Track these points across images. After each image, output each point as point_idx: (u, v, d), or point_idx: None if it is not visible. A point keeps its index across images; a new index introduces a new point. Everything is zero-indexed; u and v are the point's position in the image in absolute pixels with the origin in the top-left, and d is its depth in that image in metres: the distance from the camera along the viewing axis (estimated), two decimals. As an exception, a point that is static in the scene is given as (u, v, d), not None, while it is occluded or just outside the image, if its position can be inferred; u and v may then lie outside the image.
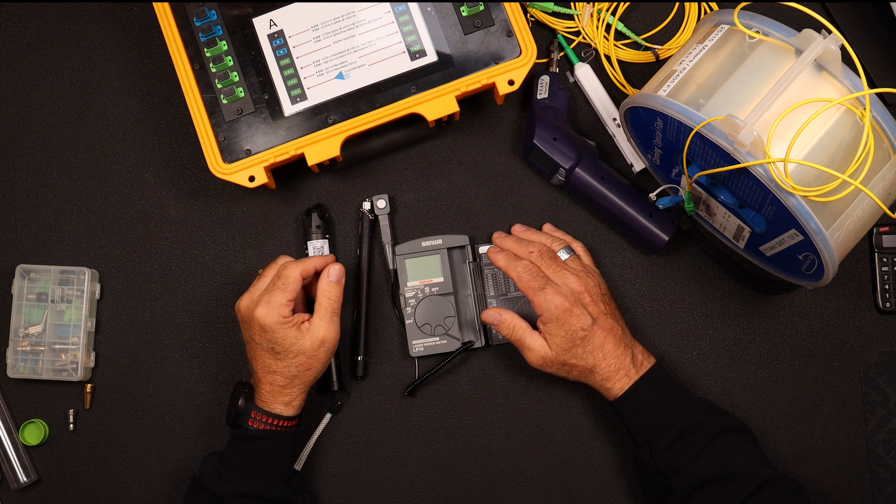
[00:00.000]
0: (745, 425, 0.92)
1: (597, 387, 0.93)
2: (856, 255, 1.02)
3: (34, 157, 1.04)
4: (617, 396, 0.91)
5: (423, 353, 0.99)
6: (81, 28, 1.05)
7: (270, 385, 0.90)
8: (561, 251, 0.96)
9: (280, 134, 0.94)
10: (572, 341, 0.90)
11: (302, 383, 0.91)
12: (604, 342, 0.91)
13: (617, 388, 0.91)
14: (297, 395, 0.91)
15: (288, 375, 0.90)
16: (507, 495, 1.00)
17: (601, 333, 0.91)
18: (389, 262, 1.01)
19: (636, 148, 0.99)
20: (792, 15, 0.93)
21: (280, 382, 0.90)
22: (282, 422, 0.91)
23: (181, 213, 1.03)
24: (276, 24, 0.96)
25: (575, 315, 0.90)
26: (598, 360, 0.91)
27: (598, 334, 0.91)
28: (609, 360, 0.91)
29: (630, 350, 0.92)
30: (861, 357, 1.01)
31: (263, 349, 0.90)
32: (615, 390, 0.91)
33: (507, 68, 0.94)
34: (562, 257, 0.95)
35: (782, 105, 0.78)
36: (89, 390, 1.00)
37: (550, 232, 1.01)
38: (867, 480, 1.00)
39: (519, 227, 1.01)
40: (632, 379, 0.91)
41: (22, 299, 1.00)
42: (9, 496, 1.00)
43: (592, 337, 0.90)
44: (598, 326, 0.91)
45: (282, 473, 0.92)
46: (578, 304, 0.91)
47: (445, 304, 1.00)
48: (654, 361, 0.93)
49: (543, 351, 0.91)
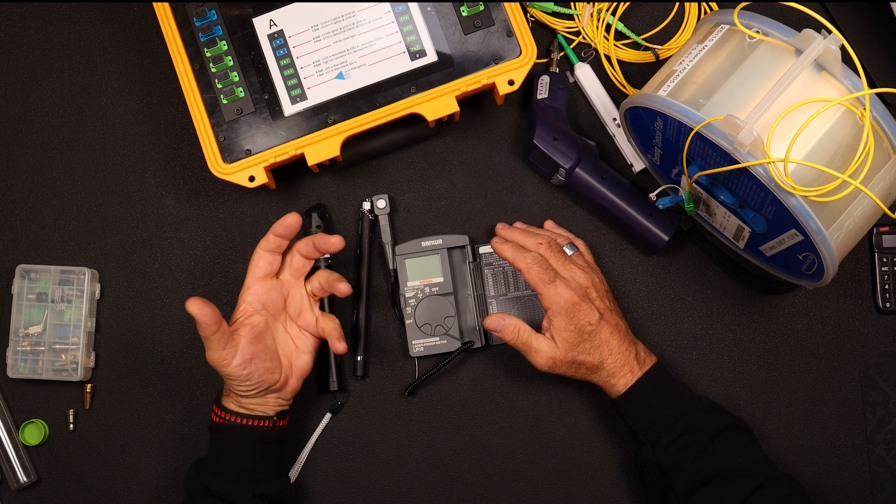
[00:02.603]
0: (745, 424, 0.92)
1: (601, 384, 0.92)
2: (856, 255, 1.02)
3: (34, 157, 1.04)
4: (620, 393, 0.91)
5: (422, 354, 0.99)
6: (81, 28, 1.05)
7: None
8: (566, 246, 0.96)
9: (280, 134, 0.94)
10: (580, 336, 0.90)
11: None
12: (610, 338, 0.91)
13: (621, 385, 0.91)
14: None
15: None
16: (507, 495, 1.00)
17: (607, 329, 0.91)
18: (389, 262, 1.01)
19: (636, 148, 0.99)
20: (792, 15, 0.94)
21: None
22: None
23: (181, 213, 1.03)
24: (276, 24, 0.96)
25: (584, 309, 0.90)
26: (604, 355, 0.90)
27: (605, 329, 0.91)
28: (615, 355, 0.91)
29: (634, 346, 0.92)
30: (861, 357, 1.01)
31: None
32: (619, 387, 0.91)
33: (507, 68, 0.94)
34: (567, 252, 0.95)
35: (782, 105, 0.78)
36: (89, 390, 1.00)
37: (552, 229, 1.01)
38: (867, 480, 1.00)
39: (521, 225, 1.01)
40: (635, 375, 0.91)
41: (22, 299, 1.00)
42: (9, 496, 1.00)
43: (599, 332, 0.90)
44: (605, 322, 0.91)
45: (241, 473, 0.89)
46: (587, 298, 0.91)
47: (445, 305, 0.99)
48: (655, 359, 0.93)
49: (552, 351, 0.90)
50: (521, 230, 0.97)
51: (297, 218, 0.88)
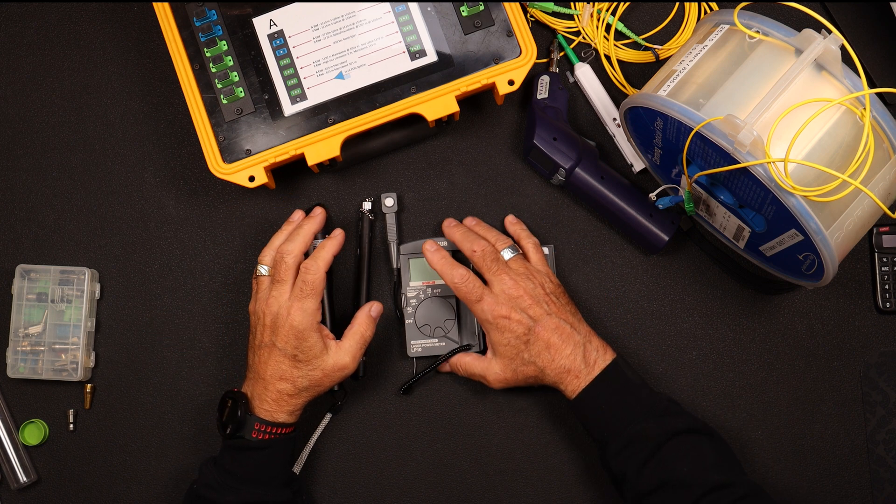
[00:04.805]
0: (703, 426, 0.89)
1: (556, 388, 0.92)
2: (856, 255, 1.02)
3: (34, 157, 1.04)
4: (570, 398, 0.90)
5: (421, 354, 0.99)
6: (81, 28, 1.05)
7: (278, 393, 0.89)
8: (505, 250, 0.94)
9: (280, 134, 0.94)
10: (515, 348, 0.90)
11: (309, 396, 0.91)
12: (549, 343, 0.90)
13: (569, 391, 0.90)
14: (301, 405, 0.91)
15: (299, 386, 0.89)
16: (507, 495, 1.00)
17: (544, 334, 0.90)
18: (393, 261, 1.01)
19: (636, 148, 0.99)
20: (792, 15, 0.94)
21: (288, 391, 0.89)
22: (284, 429, 0.91)
23: (181, 213, 1.03)
24: (276, 24, 0.96)
25: (514, 321, 0.90)
26: (545, 362, 0.90)
27: (542, 335, 0.90)
28: (558, 360, 0.90)
29: (581, 348, 0.90)
30: (861, 357, 1.01)
31: (285, 355, 0.89)
32: (568, 392, 0.90)
33: (507, 68, 0.94)
34: (505, 257, 0.94)
35: (782, 105, 0.78)
36: (89, 390, 1.00)
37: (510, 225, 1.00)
38: (867, 480, 1.00)
39: (471, 219, 1.00)
40: (583, 381, 0.89)
41: (22, 299, 1.00)
42: (9, 496, 1.00)
43: (535, 340, 0.90)
44: (541, 327, 0.90)
45: (283, 479, 0.92)
46: (516, 308, 0.90)
47: (446, 307, 0.99)
48: (610, 358, 0.91)
49: (497, 372, 0.92)
50: (462, 231, 0.96)
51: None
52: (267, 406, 0.90)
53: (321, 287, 0.90)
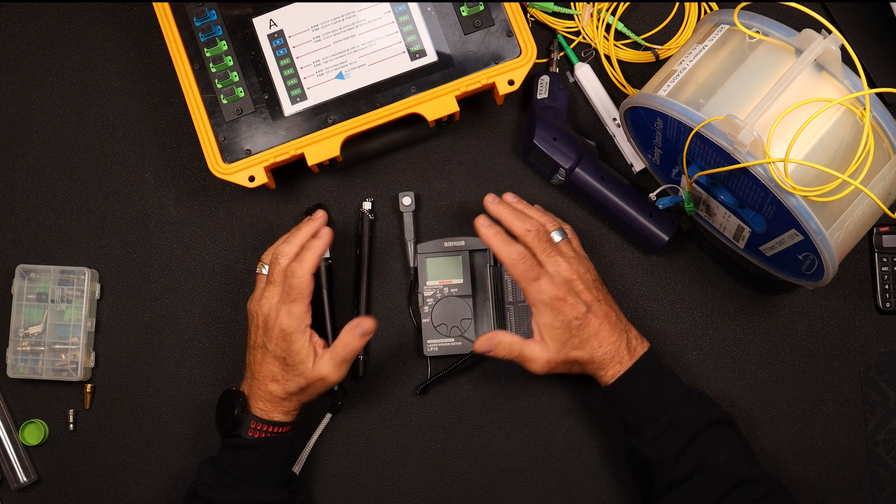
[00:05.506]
0: (731, 418, 0.91)
1: (593, 374, 0.92)
2: (856, 255, 1.02)
3: (34, 157, 1.04)
4: (609, 384, 0.90)
5: (436, 353, 0.99)
6: (81, 28, 1.05)
7: (269, 394, 0.90)
8: (554, 232, 0.93)
9: (280, 134, 0.94)
10: (568, 331, 0.89)
11: (299, 399, 0.91)
12: (599, 329, 0.89)
13: (609, 375, 0.90)
14: (294, 407, 0.91)
15: (288, 390, 0.89)
16: (507, 495, 1.00)
17: (596, 321, 0.89)
18: (410, 260, 1.01)
19: (636, 148, 0.99)
20: (792, 15, 0.94)
21: (279, 394, 0.89)
22: (280, 428, 0.91)
23: (181, 213, 1.03)
24: (276, 24, 0.96)
25: (569, 304, 0.88)
26: (594, 348, 0.89)
27: (594, 322, 0.89)
28: (605, 347, 0.89)
29: (625, 335, 0.91)
30: (861, 357, 1.01)
31: (275, 357, 0.89)
32: (608, 377, 0.90)
33: (507, 68, 0.94)
34: (555, 239, 0.93)
35: (782, 105, 0.78)
36: (89, 390, 1.00)
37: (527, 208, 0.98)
38: (867, 480, 1.00)
39: (511, 196, 0.97)
40: (625, 366, 0.90)
41: (22, 299, 1.00)
42: (9, 496, 1.00)
43: (587, 325, 0.89)
44: (593, 314, 0.89)
45: (281, 478, 0.92)
46: (572, 292, 0.89)
47: (463, 306, 0.99)
48: (647, 347, 0.92)
49: (545, 355, 0.90)
50: (510, 210, 0.92)
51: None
52: (262, 405, 0.90)
53: (308, 290, 0.88)
